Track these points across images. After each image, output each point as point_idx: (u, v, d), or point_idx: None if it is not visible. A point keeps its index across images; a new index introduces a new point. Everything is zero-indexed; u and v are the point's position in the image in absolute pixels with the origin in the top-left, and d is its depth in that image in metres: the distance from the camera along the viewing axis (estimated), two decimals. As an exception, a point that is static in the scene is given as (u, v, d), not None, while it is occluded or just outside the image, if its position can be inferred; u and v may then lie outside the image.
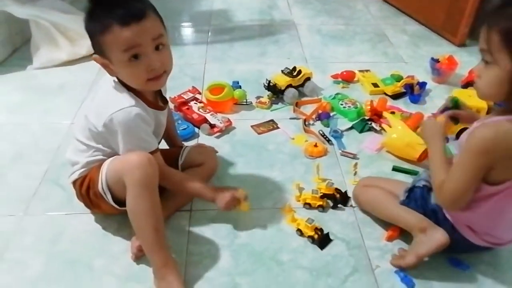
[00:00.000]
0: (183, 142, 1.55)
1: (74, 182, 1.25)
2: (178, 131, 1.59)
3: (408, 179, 1.45)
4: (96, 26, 1.02)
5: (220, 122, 1.70)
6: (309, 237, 1.27)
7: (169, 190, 1.30)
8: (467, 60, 2.15)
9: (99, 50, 1.06)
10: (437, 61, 2.05)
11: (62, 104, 1.88)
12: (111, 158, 1.16)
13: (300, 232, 1.29)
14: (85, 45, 2.15)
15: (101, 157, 1.19)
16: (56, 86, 2.00)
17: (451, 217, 1.13)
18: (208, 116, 1.72)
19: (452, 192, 1.03)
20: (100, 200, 1.19)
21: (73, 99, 1.89)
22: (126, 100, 1.11)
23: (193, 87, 1.91)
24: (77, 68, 2.14)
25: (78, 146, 1.22)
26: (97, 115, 1.13)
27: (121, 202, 1.16)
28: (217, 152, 1.55)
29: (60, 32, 2.13)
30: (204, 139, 1.68)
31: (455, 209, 1.09)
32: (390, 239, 1.28)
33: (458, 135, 1.56)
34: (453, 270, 1.19)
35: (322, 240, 1.26)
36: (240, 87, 1.93)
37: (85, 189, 1.21)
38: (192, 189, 1.27)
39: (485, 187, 1.03)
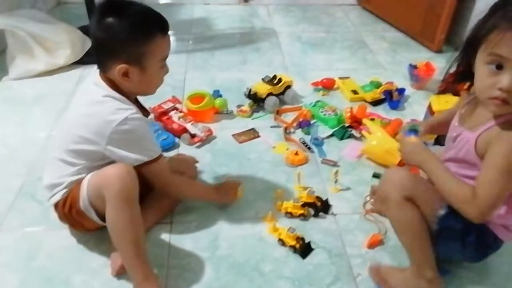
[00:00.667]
0: (163, 153, 1.53)
1: (56, 204, 1.21)
2: (158, 142, 1.58)
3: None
4: (140, 35, 1.07)
5: (201, 132, 1.69)
6: (290, 246, 1.26)
7: (149, 202, 1.28)
8: (444, 66, 2.18)
9: (136, 59, 1.08)
10: (415, 67, 2.08)
11: (39, 116, 1.85)
12: (90, 174, 1.14)
13: (281, 242, 1.28)
14: (62, 55, 2.13)
15: (84, 174, 1.15)
16: (33, 98, 1.97)
17: (492, 226, 1.07)
18: (188, 126, 1.71)
19: (491, 198, 0.95)
20: (83, 217, 1.17)
21: (50, 111, 1.85)
22: (127, 108, 1.09)
23: (173, 96, 1.90)
24: (54, 78, 2.11)
25: (60, 166, 1.17)
26: (94, 128, 1.09)
27: (104, 217, 1.14)
28: (197, 162, 1.54)
29: (37, 42, 2.09)
30: (184, 149, 1.66)
31: (490, 216, 0.99)
32: (371, 246, 1.29)
33: (436, 140, 1.58)
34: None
35: (304, 249, 1.26)
36: (221, 95, 1.92)
37: (68, 209, 1.18)
38: (196, 193, 1.36)
39: None
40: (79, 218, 1.18)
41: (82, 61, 2.18)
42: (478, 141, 0.99)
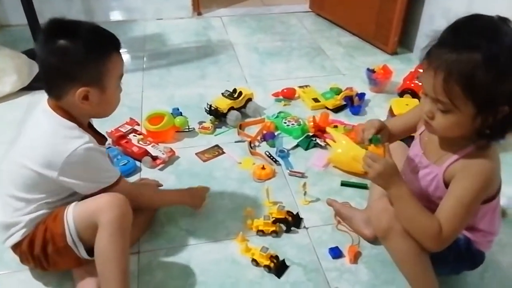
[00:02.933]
0: (125, 179, 1.46)
1: (16, 245, 1.11)
2: (118, 167, 1.50)
3: (359, 193, 1.46)
4: (97, 55, 1.03)
5: (163, 153, 1.63)
6: (265, 266, 1.23)
7: None
8: (400, 68, 2.23)
9: (96, 80, 1.04)
10: (373, 71, 2.11)
11: (-14, 148, 1.72)
12: (72, 205, 1.07)
13: (255, 262, 1.24)
14: (9, 82, 2.01)
15: (45, 211, 1.08)
16: (-22, 129, 1.84)
17: (478, 245, 1.07)
18: (149, 148, 1.64)
19: (455, 232, 0.96)
20: (63, 255, 1.09)
21: (-2, 142, 1.74)
22: (79, 137, 1.05)
23: (130, 118, 1.82)
24: (1, 107, 1.98)
25: (12, 203, 1.09)
26: (44, 159, 1.03)
27: (90, 250, 1.08)
28: (161, 185, 1.48)
29: (-21, 70, 1.97)
30: (147, 172, 1.59)
31: (447, 245, 0.97)
32: (354, 260, 1.26)
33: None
34: None
35: (279, 268, 1.23)
36: (180, 113, 1.87)
37: (40, 248, 1.08)
38: (167, 199, 1.38)
39: (481, 207, 1.00)
40: (56, 256, 1.09)
41: (30, 87, 2.07)
42: (445, 175, 0.98)
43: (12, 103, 2.00)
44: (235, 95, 1.86)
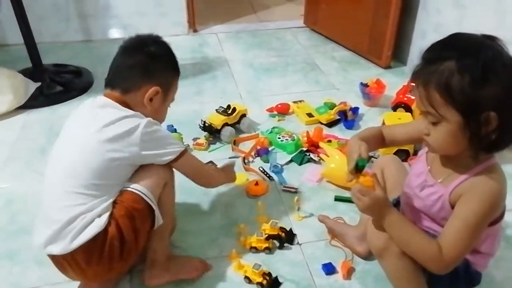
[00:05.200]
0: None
1: (93, 239, 1.05)
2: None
3: (353, 208, 1.45)
4: (173, 69, 1.26)
5: (156, 170, 1.63)
6: (257, 283, 1.22)
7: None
8: (394, 81, 2.24)
9: (166, 87, 1.22)
10: (366, 85, 2.12)
11: (-20, 168, 1.73)
12: (132, 184, 1.11)
13: (248, 280, 1.23)
14: (5, 101, 2.03)
15: (111, 200, 1.09)
16: (-26, 149, 1.84)
17: (475, 266, 1.06)
18: (143, 165, 1.65)
19: (460, 254, 0.94)
20: (145, 225, 1.12)
21: (-7, 161, 1.74)
22: (143, 117, 1.13)
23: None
24: (-3, 126, 2.00)
25: (77, 197, 1.05)
26: (124, 142, 1.08)
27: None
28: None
29: (-25, 90, 1.99)
30: (140, 190, 1.59)
31: (452, 268, 0.96)
32: (347, 276, 1.26)
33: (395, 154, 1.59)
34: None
35: (271, 285, 1.22)
36: (175, 130, 1.87)
37: (130, 227, 1.08)
38: (221, 179, 1.43)
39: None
40: (142, 228, 1.11)
41: (26, 106, 2.08)
42: (451, 196, 0.96)
43: (7, 122, 2.01)
44: (229, 111, 1.87)
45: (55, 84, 2.28)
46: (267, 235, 1.34)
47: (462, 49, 0.86)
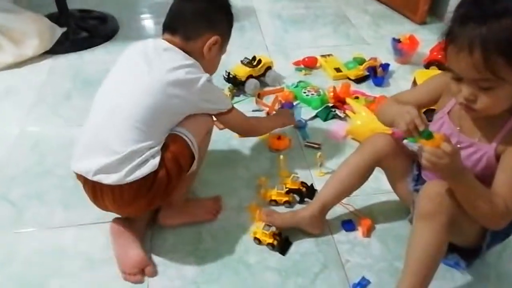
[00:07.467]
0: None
1: (145, 177, 1.06)
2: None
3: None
4: (231, 25, 1.31)
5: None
6: (268, 244, 1.21)
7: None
8: (429, 39, 2.12)
9: (224, 38, 1.26)
10: (399, 41, 2.02)
11: (8, 110, 1.76)
12: (185, 129, 1.13)
13: (258, 241, 1.22)
14: (31, 46, 2.03)
15: (161, 143, 1.10)
16: (1, 92, 1.87)
17: None
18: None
19: None
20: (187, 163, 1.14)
21: (20, 105, 1.77)
22: (202, 72, 1.16)
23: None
24: (24, 70, 2.00)
25: (139, 133, 1.06)
26: (187, 89, 1.10)
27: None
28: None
29: (2, 33, 1.99)
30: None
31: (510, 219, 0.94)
32: (367, 233, 1.25)
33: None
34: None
35: (282, 245, 1.21)
36: (199, 80, 1.85)
37: (186, 160, 1.13)
38: (269, 127, 1.51)
39: None
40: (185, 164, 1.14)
41: (52, 51, 2.08)
42: (497, 151, 0.92)
43: (34, 67, 2.02)
44: (254, 63, 1.82)
45: (80, 30, 2.26)
46: (287, 189, 1.33)
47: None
